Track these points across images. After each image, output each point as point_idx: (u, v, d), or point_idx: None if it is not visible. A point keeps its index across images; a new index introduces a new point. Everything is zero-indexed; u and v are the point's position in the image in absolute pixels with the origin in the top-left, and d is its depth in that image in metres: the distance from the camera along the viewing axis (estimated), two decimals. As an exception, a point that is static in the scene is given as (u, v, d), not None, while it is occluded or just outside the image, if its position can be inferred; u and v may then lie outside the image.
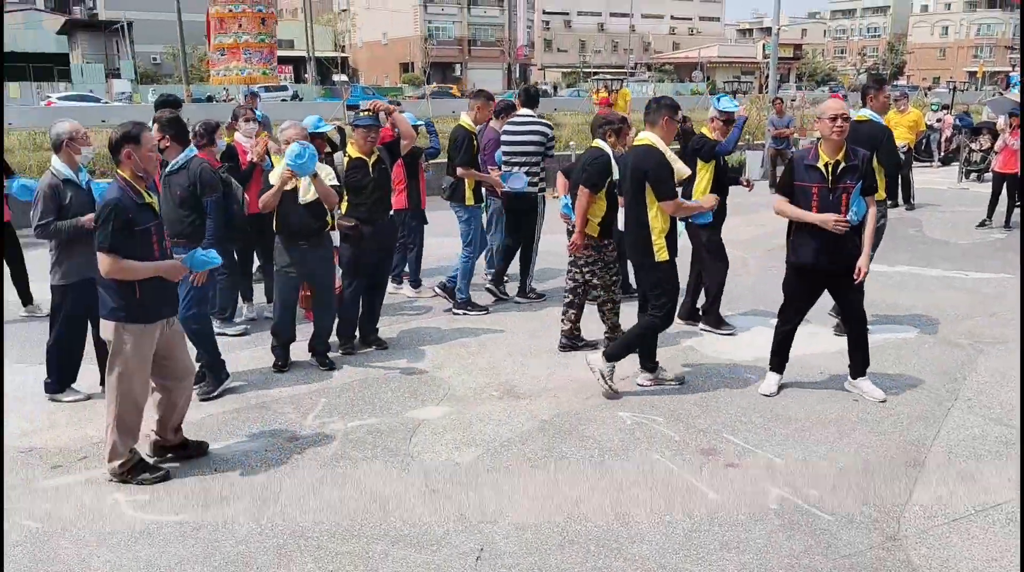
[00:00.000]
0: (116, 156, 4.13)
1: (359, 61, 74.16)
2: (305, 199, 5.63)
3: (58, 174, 5.20)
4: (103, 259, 4.01)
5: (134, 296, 4.11)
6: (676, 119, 5.38)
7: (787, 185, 5.17)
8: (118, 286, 4.08)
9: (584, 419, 5.04)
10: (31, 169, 14.45)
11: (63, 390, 5.43)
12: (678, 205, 5.30)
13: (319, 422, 5.02)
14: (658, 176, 5.17)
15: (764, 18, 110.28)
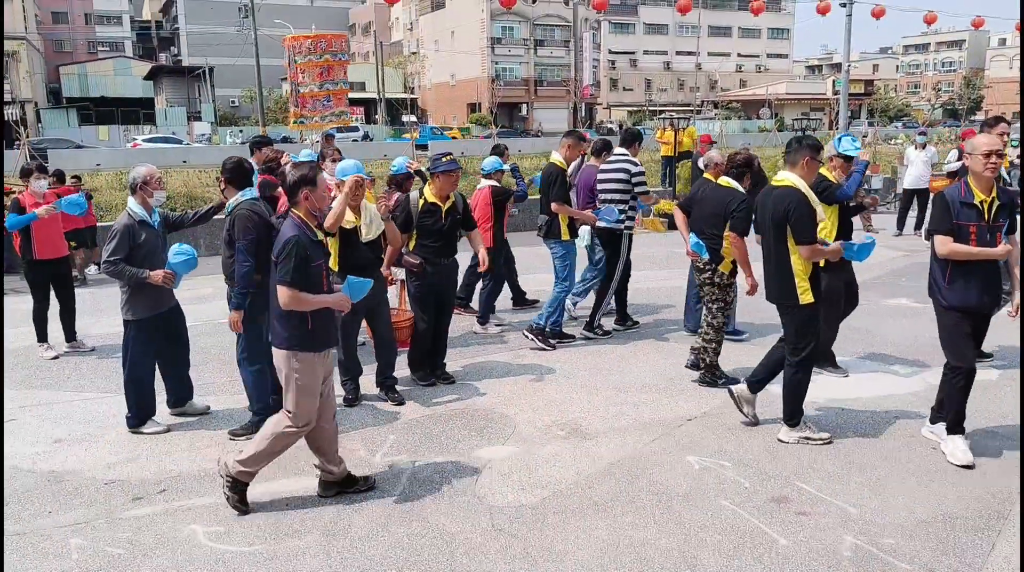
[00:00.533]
0: (294, 197, 4.37)
1: (427, 102, 75.82)
2: (367, 238, 5.82)
3: (134, 215, 5.53)
4: (283, 292, 4.22)
5: (306, 326, 4.33)
6: (818, 159, 5.21)
7: (949, 223, 4.78)
8: (292, 317, 4.31)
9: (651, 462, 5.00)
10: (117, 207, 15.15)
11: (143, 423, 5.65)
12: (815, 250, 5.07)
13: (388, 460, 5.10)
14: (799, 219, 5.01)
15: (833, 54, 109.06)
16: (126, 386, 5.61)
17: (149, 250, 5.49)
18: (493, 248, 7.85)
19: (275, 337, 4.40)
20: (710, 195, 6.25)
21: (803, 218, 5.00)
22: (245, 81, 61.71)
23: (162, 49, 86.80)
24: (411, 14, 79.61)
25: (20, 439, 5.56)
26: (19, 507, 4.54)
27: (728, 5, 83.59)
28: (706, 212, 6.20)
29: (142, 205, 5.57)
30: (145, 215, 5.58)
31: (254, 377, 5.52)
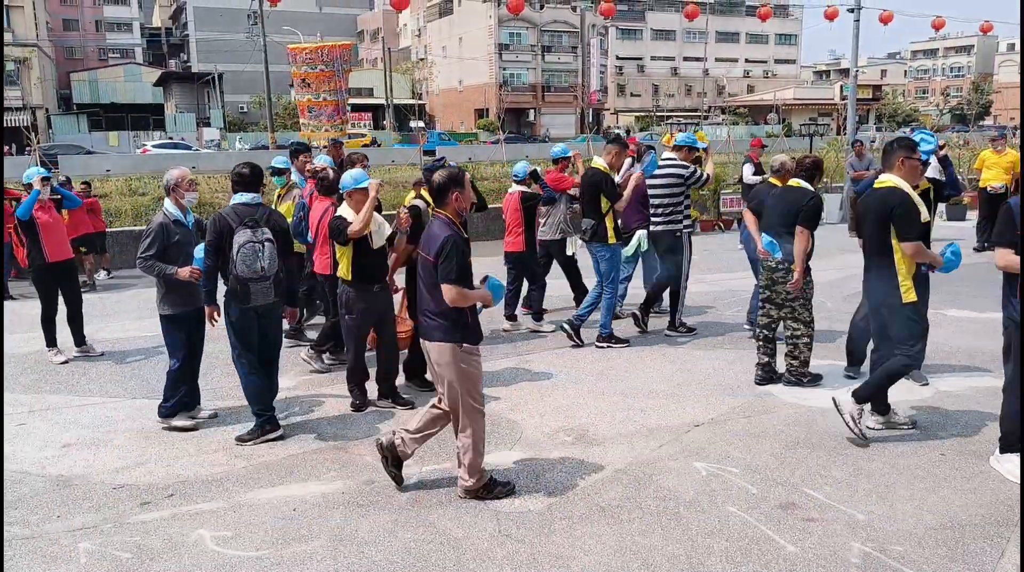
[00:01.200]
0: (444, 197, 4.51)
1: (435, 107, 75.99)
2: (378, 245, 5.86)
3: (169, 215, 5.78)
4: (449, 289, 4.34)
5: (466, 320, 4.51)
6: (914, 157, 5.26)
7: (1012, 235, 4.65)
8: (453, 313, 4.44)
9: (658, 468, 4.99)
10: (126, 213, 15.25)
11: (175, 415, 5.80)
12: (919, 248, 5.11)
13: (394, 464, 5.10)
14: (903, 216, 5.07)
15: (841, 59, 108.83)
16: (169, 376, 5.85)
17: (183, 247, 5.70)
18: (525, 252, 8.19)
19: (436, 332, 4.50)
20: (782, 197, 6.43)
21: (907, 215, 5.07)
22: (254, 87, 61.98)
23: (172, 56, 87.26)
24: (419, 20, 79.83)
25: (29, 443, 5.59)
26: (28, 511, 4.56)
27: (735, 11, 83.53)
28: (779, 212, 6.34)
29: (176, 205, 5.84)
30: (179, 215, 5.83)
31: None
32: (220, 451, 5.38)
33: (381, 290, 6.01)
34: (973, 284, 9.60)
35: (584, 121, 63.80)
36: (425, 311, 4.56)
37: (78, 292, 7.97)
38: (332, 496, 4.69)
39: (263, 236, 5.36)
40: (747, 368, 6.94)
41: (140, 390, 6.73)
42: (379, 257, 5.98)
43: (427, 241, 4.49)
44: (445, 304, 4.39)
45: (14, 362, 7.63)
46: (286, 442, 5.50)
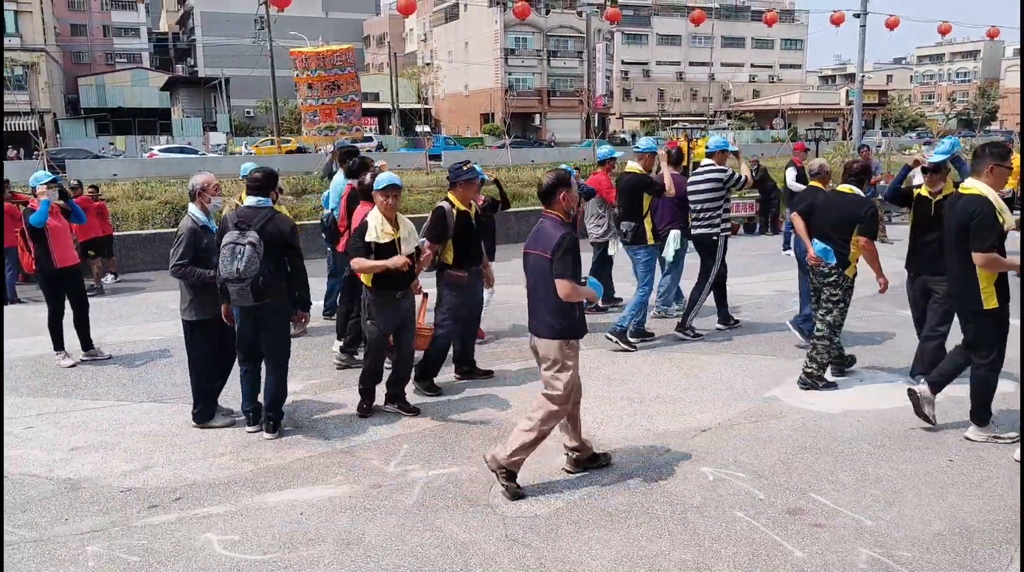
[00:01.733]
0: (552, 197, 4.69)
1: (441, 112, 76.10)
2: (406, 253, 5.85)
3: (197, 220, 5.83)
4: (565, 285, 4.51)
5: (574, 316, 4.67)
6: (1006, 166, 5.23)
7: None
8: (566, 309, 4.61)
9: (665, 473, 4.98)
10: (132, 217, 15.28)
11: (210, 418, 5.87)
12: (992, 259, 5.05)
13: (401, 469, 5.10)
14: (980, 226, 5.04)
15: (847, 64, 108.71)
16: (195, 384, 5.87)
17: (209, 252, 5.73)
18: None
19: (545, 329, 4.66)
20: (835, 202, 6.47)
21: (984, 225, 5.03)
22: (260, 92, 62.06)
23: (179, 60, 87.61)
24: (425, 25, 80.00)
25: (37, 447, 5.60)
26: (36, 514, 4.58)
27: (741, 16, 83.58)
28: (832, 218, 6.38)
29: (201, 210, 5.87)
30: (205, 220, 5.89)
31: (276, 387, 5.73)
32: (227, 455, 5.39)
33: (403, 297, 6.01)
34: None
35: (590, 126, 63.84)
36: (537, 308, 4.72)
37: (85, 296, 8.00)
38: (339, 500, 4.69)
39: (246, 239, 5.32)
40: (754, 373, 6.94)
41: (147, 394, 6.75)
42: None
43: (539, 239, 4.65)
44: (558, 300, 4.56)
45: (22, 366, 7.66)
46: (293, 446, 5.51)
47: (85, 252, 11.84)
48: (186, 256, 5.66)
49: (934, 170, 6.27)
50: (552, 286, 4.54)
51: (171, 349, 8.14)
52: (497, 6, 64.98)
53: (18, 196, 12.09)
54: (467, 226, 6.47)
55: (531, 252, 4.71)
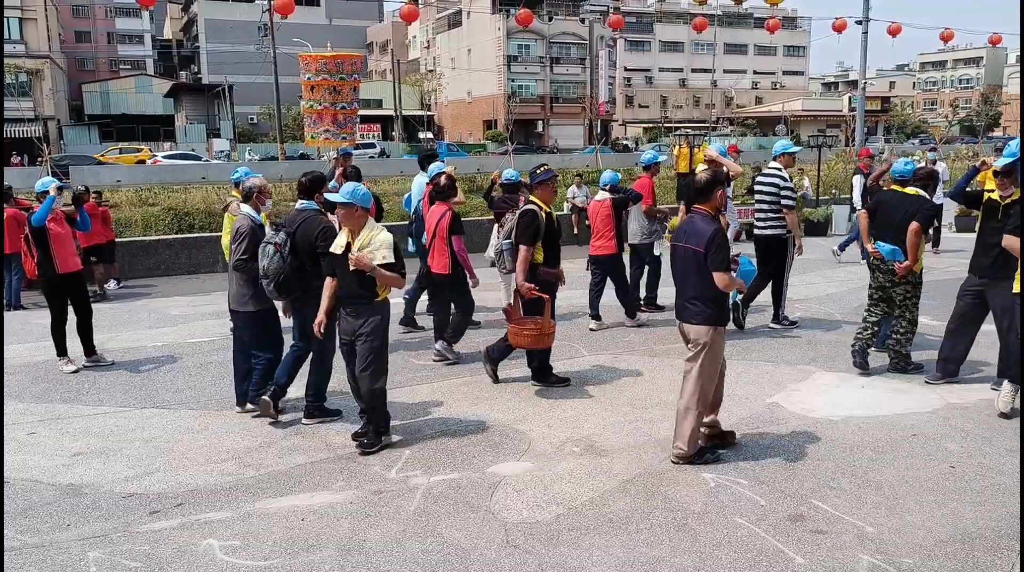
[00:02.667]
0: (709, 194, 5.09)
1: (444, 118, 76.25)
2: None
3: (254, 220, 6.14)
4: (724, 277, 4.93)
5: (724, 304, 5.12)
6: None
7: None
8: (719, 298, 5.04)
9: (666, 479, 4.98)
10: (136, 224, 15.33)
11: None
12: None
13: (403, 475, 5.10)
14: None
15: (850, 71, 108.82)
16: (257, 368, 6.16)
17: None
18: (616, 254, 8.78)
19: (699, 317, 5.06)
20: (899, 202, 6.81)
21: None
22: (264, 98, 62.20)
23: (183, 67, 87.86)
24: (428, 32, 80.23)
25: (39, 452, 5.61)
26: (38, 520, 4.58)
27: (744, 23, 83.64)
28: (897, 217, 6.70)
29: (255, 210, 6.24)
30: (260, 219, 6.21)
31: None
32: (229, 461, 5.40)
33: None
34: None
35: (592, 132, 63.89)
36: (690, 298, 5.08)
37: (88, 302, 8.01)
38: (340, 506, 4.69)
39: (274, 239, 5.72)
40: (755, 379, 6.93)
41: (150, 400, 6.76)
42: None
43: (692, 234, 5.03)
44: (711, 290, 4.96)
45: (25, 371, 7.68)
46: (294, 452, 5.52)
47: (87, 258, 11.88)
48: (247, 252, 5.95)
49: (1004, 174, 6.28)
50: (705, 277, 4.94)
51: (174, 355, 8.16)
52: (500, 13, 65.13)
53: (21, 202, 12.11)
54: (552, 225, 6.72)
55: (683, 246, 5.08)
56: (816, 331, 8.60)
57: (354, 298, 5.34)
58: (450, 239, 7.32)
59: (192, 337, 8.92)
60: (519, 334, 6.54)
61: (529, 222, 6.53)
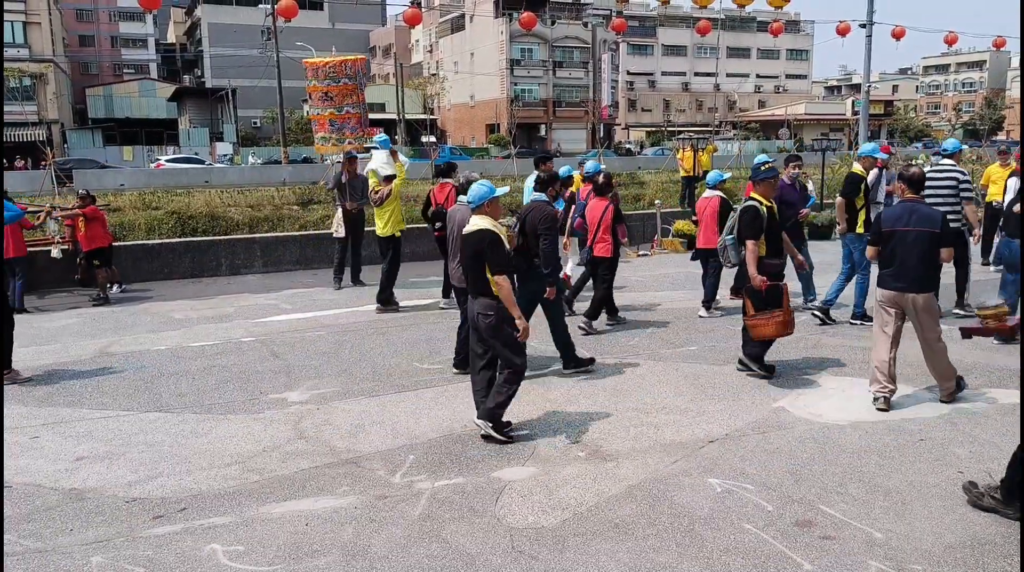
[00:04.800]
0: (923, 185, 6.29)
1: (447, 122, 76.27)
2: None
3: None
4: (949, 251, 6.22)
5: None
6: None
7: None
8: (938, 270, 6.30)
9: (672, 485, 4.95)
10: (139, 227, 15.31)
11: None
12: None
13: (407, 480, 5.08)
14: None
15: (853, 75, 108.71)
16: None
17: None
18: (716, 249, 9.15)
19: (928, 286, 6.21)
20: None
21: None
22: (267, 102, 62.33)
23: (186, 71, 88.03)
24: (431, 36, 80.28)
25: (42, 456, 5.60)
26: (41, 524, 4.56)
27: (747, 27, 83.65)
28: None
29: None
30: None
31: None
32: (233, 465, 5.37)
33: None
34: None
35: (595, 136, 63.88)
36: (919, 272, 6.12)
37: (9, 312, 7.59)
38: (344, 511, 4.67)
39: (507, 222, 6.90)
40: (761, 384, 6.90)
41: (153, 403, 6.73)
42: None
43: (921, 218, 6.11)
44: (935, 264, 6.13)
45: (28, 374, 7.65)
46: (298, 456, 5.49)
47: (90, 262, 11.87)
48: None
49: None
50: (933, 254, 6.09)
51: (177, 359, 8.13)
52: (503, 17, 65.17)
53: (20, 206, 12.11)
54: (772, 219, 7.03)
55: (912, 229, 6.09)
56: (822, 335, 8.56)
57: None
58: (614, 228, 8.75)
59: (195, 341, 8.90)
60: (767, 324, 6.78)
61: (753, 217, 6.91)
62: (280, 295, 11.65)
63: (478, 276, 5.60)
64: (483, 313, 5.60)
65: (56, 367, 7.86)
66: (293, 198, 18.51)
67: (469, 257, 5.69)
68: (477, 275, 5.62)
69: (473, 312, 5.74)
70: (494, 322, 5.57)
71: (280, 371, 7.61)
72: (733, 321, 9.34)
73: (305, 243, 14.72)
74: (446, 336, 8.81)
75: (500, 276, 5.51)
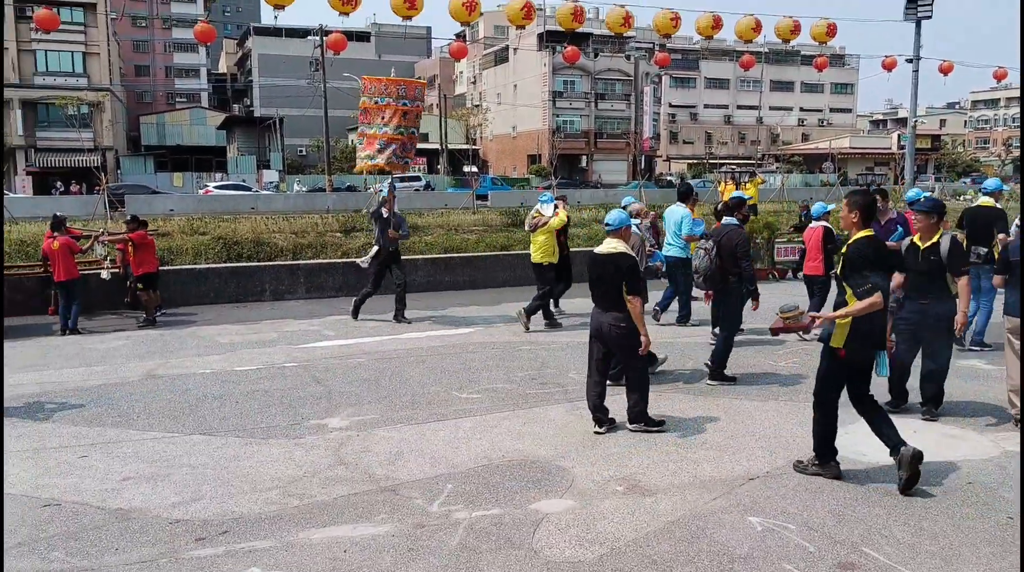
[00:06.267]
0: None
1: (488, 152, 76.98)
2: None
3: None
4: (999, 280, 6.77)
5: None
6: None
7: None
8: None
9: (712, 522, 4.89)
10: (187, 251, 15.67)
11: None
12: None
13: (445, 509, 5.09)
14: None
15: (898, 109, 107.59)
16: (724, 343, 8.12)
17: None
18: (823, 276, 10.03)
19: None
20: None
21: None
22: (313, 131, 63.61)
23: (235, 100, 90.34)
24: (475, 68, 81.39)
25: (90, 476, 5.72)
26: (88, 543, 4.66)
27: (790, 60, 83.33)
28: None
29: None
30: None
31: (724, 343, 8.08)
32: (274, 489, 5.44)
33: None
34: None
35: (636, 168, 63.93)
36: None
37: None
38: (383, 538, 4.69)
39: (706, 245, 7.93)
40: (803, 420, 6.77)
41: (196, 426, 6.86)
42: None
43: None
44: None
45: (79, 395, 7.86)
46: (337, 483, 5.55)
47: (135, 286, 12.16)
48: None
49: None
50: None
51: (221, 383, 8.28)
52: (546, 50, 65.83)
53: (74, 231, 12.50)
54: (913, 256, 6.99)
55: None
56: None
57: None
58: (825, 248, 9.78)
59: (239, 365, 9.06)
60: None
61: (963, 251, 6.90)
62: (323, 321, 11.81)
63: (610, 292, 6.32)
64: (614, 324, 6.33)
65: (105, 388, 8.05)
66: (336, 225, 18.79)
67: (605, 275, 6.36)
68: (609, 291, 6.34)
69: (602, 322, 6.43)
70: (624, 332, 6.30)
71: (321, 397, 7.70)
72: (775, 357, 9.23)
73: (347, 270, 14.90)
74: (483, 365, 8.87)
75: (636, 297, 6.26)
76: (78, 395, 7.86)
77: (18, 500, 5.28)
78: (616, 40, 71.53)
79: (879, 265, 5.19)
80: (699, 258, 7.86)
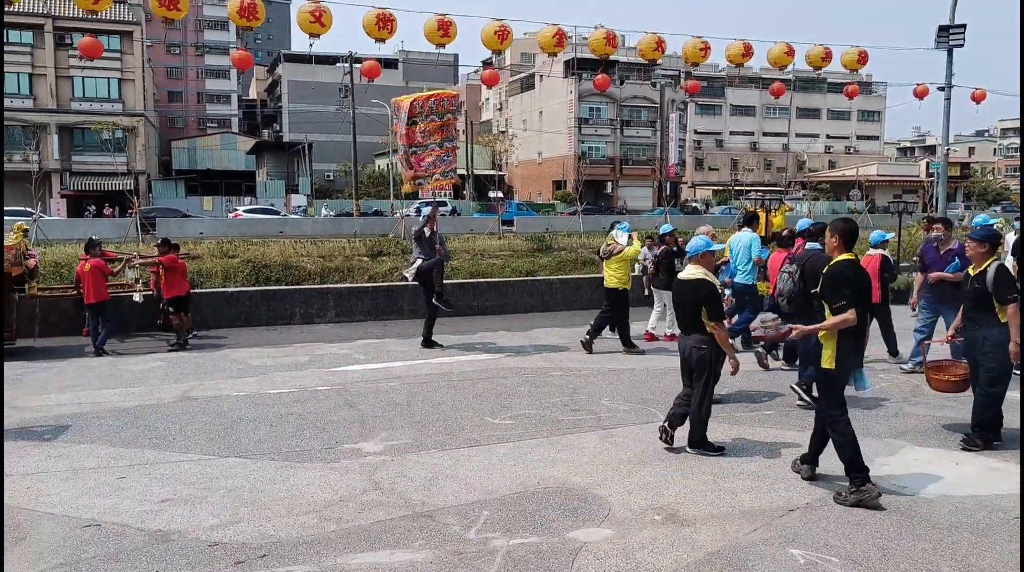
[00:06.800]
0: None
1: (514, 178, 77.37)
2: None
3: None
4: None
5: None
6: None
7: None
8: None
9: (752, 554, 4.82)
10: (216, 274, 15.83)
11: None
12: None
13: (482, 536, 5.06)
14: None
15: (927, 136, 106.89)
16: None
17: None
18: (880, 304, 10.05)
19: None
20: None
21: None
22: (341, 156, 64.40)
23: (265, 126, 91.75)
24: (501, 95, 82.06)
25: (129, 497, 5.76)
26: (129, 564, 4.68)
27: (817, 87, 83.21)
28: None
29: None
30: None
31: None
32: (310, 513, 5.45)
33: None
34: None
35: (662, 194, 63.91)
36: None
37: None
38: (420, 565, 4.67)
39: (790, 269, 8.14)
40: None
41: (232, 449, 6.89)
42: None
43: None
44: None
45: (115, 416, 7.93)
46: (374, 507, 5.54)
47: (167, 308, 12.29)
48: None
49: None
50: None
51: (255, 405, 8.33)
52: (572, 77, 66.26)
53: (108, 254, 12.70)
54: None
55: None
56: (904, 404, 8.30)
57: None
58: (882, 277, 10.06)
59: (272, 388, 9.11)
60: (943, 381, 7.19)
61: (1010, 278, 6.74)
62: (353, 345, 11.86)
63: (688, 315, 6.62)
64: (697, 346, 6.60)
65: (141, 409, 8.12)
66: (363, 249, 18.92)
67: (687, 301, 6.62)
68: (688, 314, 6.64)
69: (687, 345, 6.71)
70: (705, 355, 6.57)
71: (354, 421, 7.72)
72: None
73: (376, 294, 15.01)
74: (515, 391, 8.85)
75: (717, 322, 6.49)
76: (114, 416, 7.94)
77: (58, 520, 5.33)
78: (642, 67, 71.97)
79: (856, 286, 5.59)
80: (783, 281, 8.09)
